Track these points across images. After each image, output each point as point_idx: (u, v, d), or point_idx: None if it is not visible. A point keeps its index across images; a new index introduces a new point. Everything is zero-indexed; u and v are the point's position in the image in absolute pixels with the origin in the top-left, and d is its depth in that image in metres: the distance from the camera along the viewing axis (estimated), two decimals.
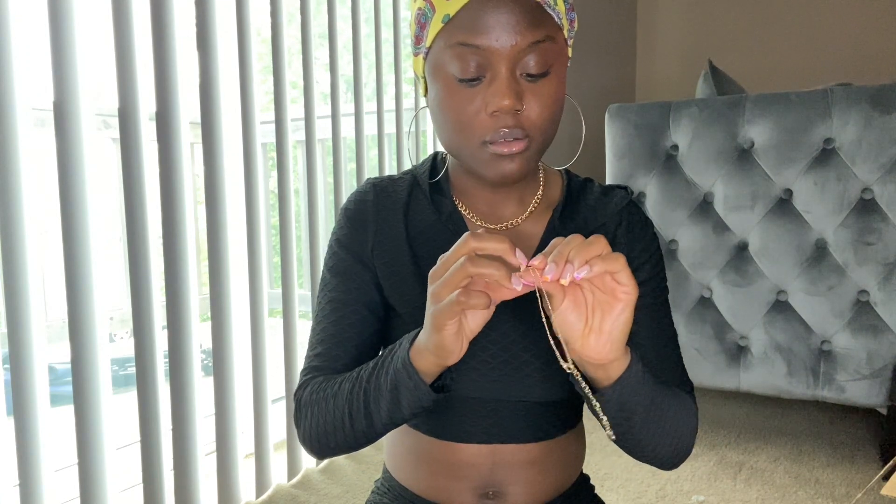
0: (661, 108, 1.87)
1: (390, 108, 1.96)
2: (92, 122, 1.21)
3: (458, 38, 0.62)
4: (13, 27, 1.10)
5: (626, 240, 0.74)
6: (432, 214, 0.74)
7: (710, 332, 1.85)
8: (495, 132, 0.63)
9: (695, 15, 3.34)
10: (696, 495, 1.59)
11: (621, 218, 0.75)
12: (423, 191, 0.76)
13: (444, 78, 0.65)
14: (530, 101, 0.63)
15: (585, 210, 0.75)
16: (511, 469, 0.73)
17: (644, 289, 0.74)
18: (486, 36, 0.61)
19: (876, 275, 1.64)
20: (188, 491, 1.38)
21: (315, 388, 0.70)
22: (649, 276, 0.74)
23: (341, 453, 0.70)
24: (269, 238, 1.73)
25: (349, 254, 0.75)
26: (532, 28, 0.61)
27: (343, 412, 0.66)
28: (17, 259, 1.13)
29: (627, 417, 0.62)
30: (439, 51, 0.65)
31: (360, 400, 0.64)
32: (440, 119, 0.67)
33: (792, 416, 2.10)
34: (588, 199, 0.76)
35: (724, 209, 1.80)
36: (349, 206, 0.76)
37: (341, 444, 0.68)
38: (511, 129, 0.63)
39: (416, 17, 0.67)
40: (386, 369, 0.62)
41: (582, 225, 0.74)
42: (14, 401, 1.14)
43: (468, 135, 0.65)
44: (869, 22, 2.97)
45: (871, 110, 1.62)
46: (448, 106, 0.65)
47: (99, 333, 1.23)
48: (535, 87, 0.63)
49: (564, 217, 0.74)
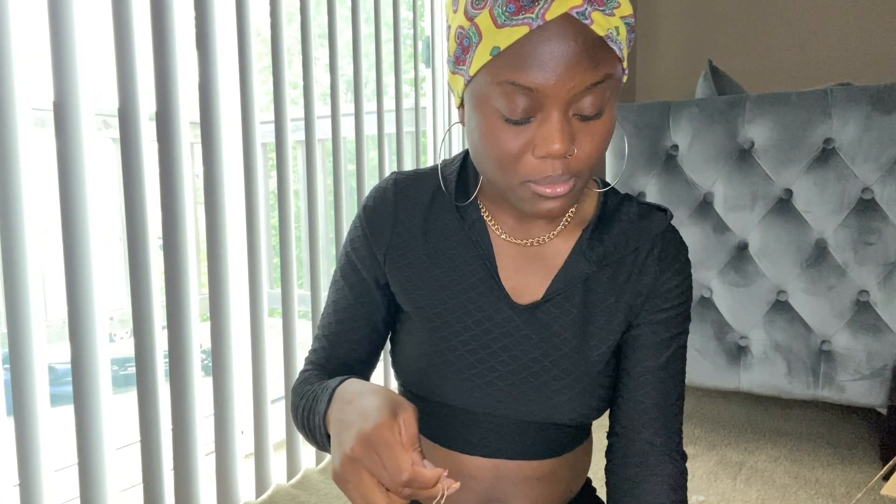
0: (661, 108, 1.87)
1: (390, 108, 1.96)
2: (92, 122, 1.21)
3: (509, 76, 0.55)
4: (13, 27, 1.10)
5: (656, 267, 0.70)
6: (455, 220, 0.72)
7: (710, 332, 1.85)
8: (542, 175, 0.58)
9: (695, 15, 3.34)
10: (696, 495, 1.59)
11: (654, 245, 0.71)
12: (449, 193, 0.72)
13: (488, 113, 0.59)
14: (582, 143, 0.58)
15: (618, 232, 0.70)
16: (515, 483, 0.72)
17: (660, 316, 0.71)
18: (540, 76, 0.54)
19: (876, 275, 1.64)
20: (188, 491, 1.38)
21: (299, 386, 0.72)
22: (670, 305, 0.71)
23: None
24: (269, 238, 1.73)
25: (361, 265, 0.74)
26: (592, 68, 0.55)
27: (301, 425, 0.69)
28: (17, 259, 1.13)
29: None
30: (485, 84, 0.58)
31: (305, 416, 0.67)
32: (480, 150, 0.62)
33: (792, 416, 2.10)
34: (622, 220, 0.71)
35: (724, 209, 1.80)
36: (368, 203, 0.74)
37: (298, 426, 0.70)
38: (559, 174, 0.58)
39: (457, 35, 0.60)
40: (315, 410, 0.63)
41: (611, 249, 0.70)
42: (14, 401, 1.14)
43: (510, 173, 0.60)
44: (869, 22, 2.97)
45: (871, 110, 1.62)
46: (491, 142, 0.59)
47: (99, 333, 1.23)
48: (588, 126, 0.58)
49: (594, 238, 0.70)
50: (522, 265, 0.71)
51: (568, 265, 0.70)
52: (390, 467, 0.49)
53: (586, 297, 0.70)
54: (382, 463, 0.49)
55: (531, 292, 0.70)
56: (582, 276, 0.69)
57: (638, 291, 0.70)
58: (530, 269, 0.71)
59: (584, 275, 0.69)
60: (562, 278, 0.70)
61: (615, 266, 0.70)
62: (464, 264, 0.71)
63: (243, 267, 1.53)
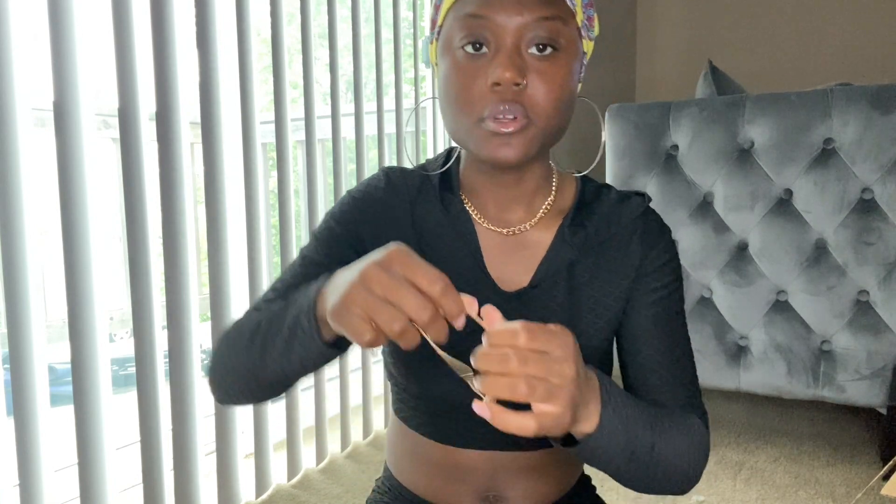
0: (661, 108, 1.87)
1: (390, 108, 1.96)
2: (92, 122, 1.21)
3: (467, 9, 0.61)
4: (13, 27, 1.10)
5: (640, 249, 0.71)
6: (440, 212, 0.72)
7: (710, 332, 1.85)
8: (493, 106, 0.60)
9: (695, 15, 3.34)
10: (696, 495, 1.59)
11: (636, 227, 0.71)
12: (434, 186, 0.73)
13: (451, 52, 0.63)
14: (534, 80, 0.61)
15: (598, 219, 0.72)
16: (511, 474, 0.72)
17: (653, 297, 0.71)
18: (493, 7, 0.60)
19: (876, 275, 1.64)
20: (188, 491, 1.38)
21: (249, 312, 0.68)
22: (661, 283, 0.71)
23: (231, 390, 0.64)
24: (269, 238, 1.73)
25: (341, 228, 0.72)
26: (541, 5, 0.60)
27: (245, 333, 0.62)
28: (17, 259, 1.13)
29: (604, 463, 0.58)
30: (449, 27, 0.64)
31: (263, 328, 0.60)
32: (444, 97, 0.65)
33: (792, 416, 2.10)
34: (602, 207, 0.72)
35: (724, 209, 1.80)
36: (357, 192, 0.74)
37: (231, 370, 0.63)
38: (510, 105, 0.60)
39: (434, 1, 0.67)
40: (294, 305, 0.57)
41: (593, 234, 0.71)
42: (14, 401, 1.14)
43: (467, 111, 0.62)
44: (869, 22, 2.97)
45: (871, 110, 1.62)
46: (452, 80, 0.63)
47: (99, 333, 1.23)
48: (541, 65, 0.61)
49: (575, 225, 0.71)
50: (507, 254, 0.71)
51: (551, 252, 0.70)
52: (423, 276, 0.46)
53: (571, 282, 0.70)
54: (414, 272, 0.46)
55: (517, 280, 0.71)
56: (566, 262, 0.70)
57: (625, 274, 0.71)
58: (515, 258, 0.71)
59: (567, 261, 0.70)
60: (546, 265, 0.70)
61: (599, 250, 0.71)
62: (450, 254, 0.71)
63: (243, 267, 1.53)
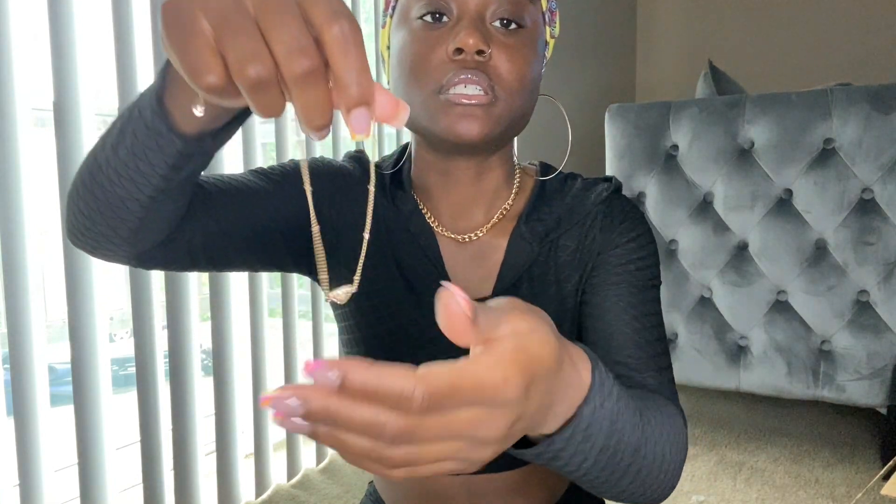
0: (661, 109, 1.87)
1: None
2: (92, 122, 1.21)
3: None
4: (13, 27, 1.10)
5: (600, 232, 0.64)
6: (391, 208, 0.66)
7: (710, 332, 1.85)
8: (454, 73, 0.55)
9: (695, 15, 3.34)
10: (696, 495, 1.59)
11: (598, 211, 0.65)
12: (384, 178, 0.67)
13: (407, 23, 0.58)
14: (499, 53, 0.57)
15: (560, 209, 0.65)
16: (490, 499, 0.67)
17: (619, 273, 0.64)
18: None
19: (876, 275, 1.64)
20: (188, 491, 1.38)
21: None
22: (626, 259, 0.64)
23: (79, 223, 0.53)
24: None
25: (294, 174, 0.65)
26: None
27: (101, 145, 0.50)
28: (17, 259, 1.13)
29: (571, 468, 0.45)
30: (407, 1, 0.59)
31: (108, 130, 0.50)
32: (396, 70, 0.59)
33: (792, 416, 2.10)
34: (565, 197, 0.66)
35: (724, 209, 1.80)
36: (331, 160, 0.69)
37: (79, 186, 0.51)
38: (473, 73, 0.55)
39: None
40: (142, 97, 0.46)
41: (553, 227, 0.65)
42: (14, 401, 1.14)
43: (424, 81, 0.57)
44: (869, 22, 2.97)
45: (871, 110, 1.62)
46: (409, 50, 0.58)
47: (99, 333, 1.23)
48: (506, 40, 0.57)
49: (532, 220, 0.65)
50: (466, 263, 0.66)
51: (508, 255, 0.65)
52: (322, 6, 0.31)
53: (533, 282, 0.65)
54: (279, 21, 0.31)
55: (481, 289, 0.66)
56: (525, 263, 0.65)
57: (586, 263, 0.65)
58: (474, 267, 0.66)
59: (527, 262, 0.65)
60: (506, 270, 0.65)
61: (559, 242, 0.65)
62: (409, 257, 0.66)
63: None
